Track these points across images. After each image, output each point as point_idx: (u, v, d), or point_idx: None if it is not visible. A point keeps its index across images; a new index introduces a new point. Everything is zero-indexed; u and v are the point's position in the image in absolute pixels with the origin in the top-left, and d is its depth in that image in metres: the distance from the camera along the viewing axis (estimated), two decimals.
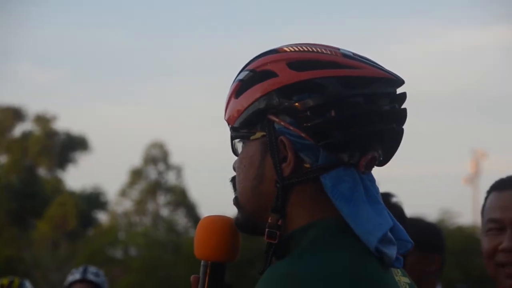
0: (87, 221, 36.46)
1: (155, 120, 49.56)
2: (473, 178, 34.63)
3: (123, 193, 36.69)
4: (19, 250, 29.78)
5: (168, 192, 36.70)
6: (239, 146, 1.54)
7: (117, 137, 49.87)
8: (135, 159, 45.76)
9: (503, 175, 2.42)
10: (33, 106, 56.64)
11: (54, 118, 39.20)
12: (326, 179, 1.46)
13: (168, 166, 36.94)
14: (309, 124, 1.45)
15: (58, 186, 37.83)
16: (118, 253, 31.89)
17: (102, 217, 38.35)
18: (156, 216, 36.20)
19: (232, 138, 1.55)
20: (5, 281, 4.83)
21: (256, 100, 1.49)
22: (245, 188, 1.51)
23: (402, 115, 1.51)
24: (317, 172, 1.46)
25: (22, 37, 50.46)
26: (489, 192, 2.41)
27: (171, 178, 37.00)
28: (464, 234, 22.55)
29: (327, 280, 1.37)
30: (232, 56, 51.21)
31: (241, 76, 1.54)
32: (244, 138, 1.52)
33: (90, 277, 4.84)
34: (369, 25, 50.98)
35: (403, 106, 1.52)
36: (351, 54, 1.51)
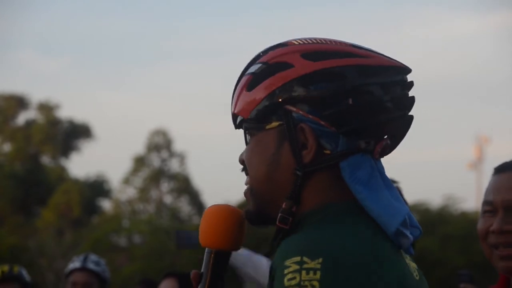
0: (91, 209, 36.51)
1: (158, 108, 49.59)
2: (477, 164, 34.63)
3: (127, 180, 36.73)
4: (23, 238, 29.84)
5: (172, 179, 36.73)
6: (250, 137, 1.56)
7: (120, 125, 49.87)
8: (138, 147, 45.81)
9: (507, 160, 2.44)
10: (36, 94, 56.69)
11: (57, 106, 39.22)
12: (345, 165, 1.49)
13: (172, 154, 36.97)
14: (327, 112, 1.48)
15: (62, 174, 37.86)
16: (122, 241, 31.94)
17: (106, 204, 38.42)
18: (160, 204, 36.25)
19: (246, 129, 1.56)
20: (4, 268, 4.84)
21: (273, 91, 1.51)
22: (259, 173, 1.52)
23: (412, 102, 1.56)
24: (337, 158, 1.49)
25: (24, 25, 50.46)
26: (491, 175, 2.44)
27: (174, 165, 37.03)
28: (468, 220, 22.56)
29: (345, 254, 1.39)
30: (235, 42, 51.15)
31: (252, 70, 1.56)
32: (259, 129, 1.53)
33: (90, 266, 4.82)
34: (369, 11, 50.87)
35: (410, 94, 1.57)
36: (359, 45, 1.55)
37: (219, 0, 50.90)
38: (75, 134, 39.65)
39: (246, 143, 1.57)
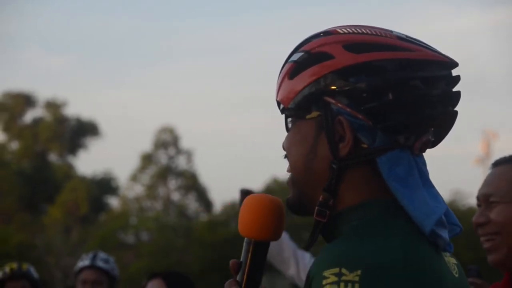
0: (99, 206, 36.58)
1: (165, 105, 49.63)
2: (484, 159, 34.57)
3: (134, 178, 36.77)
4: (31, 236, 29.91)
5: (179, 176, 36.76)
6: (291, 125, 1.55)
7: (128, 122, 49.93)
8: (146, 144, 45.89)
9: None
10: (43, 91, 56.73)
11: (64, 104, 39.29)
12: (382, 160, 1.46)
13: (179, 151, 36.99)
14: (367, 106, 1.46)
15: (69, 171, 37.94)
16: (129, 238, 31.99)
17: (113, 202, 38.49)
18: (167, 201, 36.28)
19: (287, 117, 1.55)
20: (13, 265, 4.86)
21: (313, 81, 1.49)
22: (297, 162, 1.51)
23: (457, 98, 1.53)
24: (374, 153, 1.47)
25: (31, 23, 50.53)
26: None
27: (181, 162, 37.06)
28: None
29: (383, 266, 1.36)
30: (242, 39, 51.15)
31: (295, 58, 1.54)
32: (299, 118, 1.52)
33: (99, 264, 4.84)
34: (375, 7, 50.81)
35: (456, 89, 1.53)
36: (405, 36, 1.52)
37: None
38: (82, 131, 39.72)
39: (287, 130, 1.56)
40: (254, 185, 36.50)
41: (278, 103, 1.57)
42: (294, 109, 1.52)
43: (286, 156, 1.56)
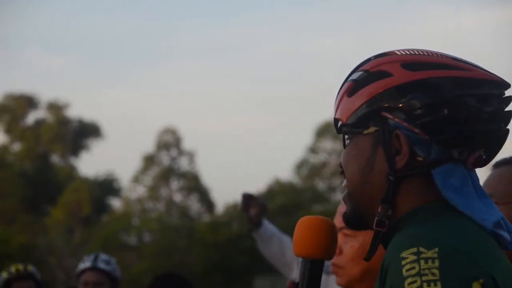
0: (101, 207, 36.60)
1: (167, 106, 49.65)
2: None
3: (136, 179, 36.80)
4: (33, 237, 29.95)
5: (181, 177, 36.79)
6: (348, 141, 1.64)
7: (130, 123, 49.98)
8: (148, 145, 45.94)
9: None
10: (45, 92, 56.83)
11: (66, 106, 39.33)
12: (437, 172, 1.55)
13: (181, 152, 37.02)
14: (422, 121, 1.55)
15: (71, 173, 37.97)
16: (132, 239, 32.02)
17: (115, 203, 38.51)
18: (169, 202, 36.31)
19: (345, 134, 1.64)
20: (19, 266, 4.87)
21: (372, 98, 1.58)
22: (355, 177, 1.60)
23: (509, 117, 1.61)
24: (429, 166, 1.55)
25: (31, 23, 50.58)
26: None
27: (183, 163, 37.08)
28: None
29: (457, 247, 1.45)
30: (245, 40, 51.18)
31: (354, 77, 1.63)
32: (357, 133, 1.61)
33: (101, 265, 4.85)
34: (377, 8, 50.82)
35: (508, 108, 1.62)
36: (458, 57, 1.61)
37: None
38: (85, 133, 39.76)
39: (344, 146, 1.65)
40: (257, 186, 36.51)
41: (336, 121, 1.67)
42: (352, 125, 1.61)
43: (342, 172, 1.64)
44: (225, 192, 51.12)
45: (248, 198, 4.48)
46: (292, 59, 50.10)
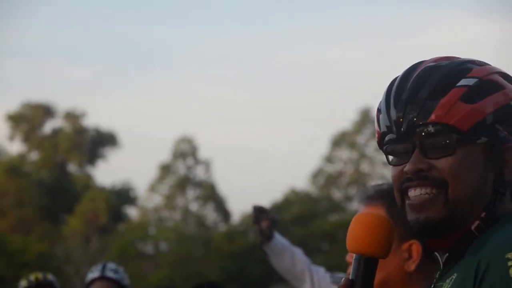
0: (118, 216, 36.70)
1: (183, 115, 49.77)
2: None
3: (153, 188, 36.90)
4: (51, 246, 30.06)
5: (197, 186, 36.85)
6: (452, 147, 1.60)
7: (146, 133, 50.12)
8: (164, 154, 46.02)
9: None
10: (62, 101, 57.05)
11: (83, 115, 39.51)
12: None
13: (197, 161, 37.09)
14: None
15: (88, 182, 38.10)
16: (148, 248, 32.07)
17: (132, 212, 38.62)
18: (186, 211, 36.37)
19: (458, 141, 1.60)
20: (39, 275, 4.93)
21: (498, 108, 1.60)
22: (468, 187, 1.60)
23: None
24: None
25: (49, 34, 50.85)
26: None
27: (200, 172, 37.16)
28: None
29: None
30: (262, 48, 51.23)
31: (466, 82, 1.61)
32: (470, 142, 1.60)
33: (109, 274, 4.87)
34: (384, 18, 50.76)
35: None
36: None
37: (244, 6, 51.02)
38: (101, 142, 39.91)
39: (446, 150, 1.61)
40: (273, 195, 36.39)
41: (435, 124, 1.61)
42: (469, 132, 1.59)
43: (422, 177, 1.60)
44: (241, 201, 51.17)
45: (259, 211, 4.50)
46: (309, 68, 50.15)
